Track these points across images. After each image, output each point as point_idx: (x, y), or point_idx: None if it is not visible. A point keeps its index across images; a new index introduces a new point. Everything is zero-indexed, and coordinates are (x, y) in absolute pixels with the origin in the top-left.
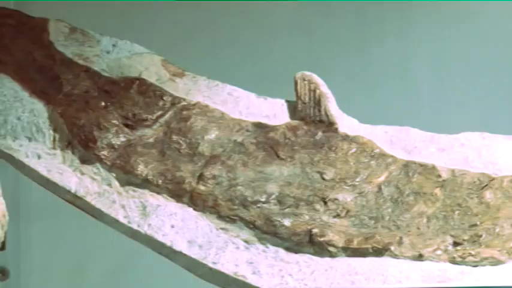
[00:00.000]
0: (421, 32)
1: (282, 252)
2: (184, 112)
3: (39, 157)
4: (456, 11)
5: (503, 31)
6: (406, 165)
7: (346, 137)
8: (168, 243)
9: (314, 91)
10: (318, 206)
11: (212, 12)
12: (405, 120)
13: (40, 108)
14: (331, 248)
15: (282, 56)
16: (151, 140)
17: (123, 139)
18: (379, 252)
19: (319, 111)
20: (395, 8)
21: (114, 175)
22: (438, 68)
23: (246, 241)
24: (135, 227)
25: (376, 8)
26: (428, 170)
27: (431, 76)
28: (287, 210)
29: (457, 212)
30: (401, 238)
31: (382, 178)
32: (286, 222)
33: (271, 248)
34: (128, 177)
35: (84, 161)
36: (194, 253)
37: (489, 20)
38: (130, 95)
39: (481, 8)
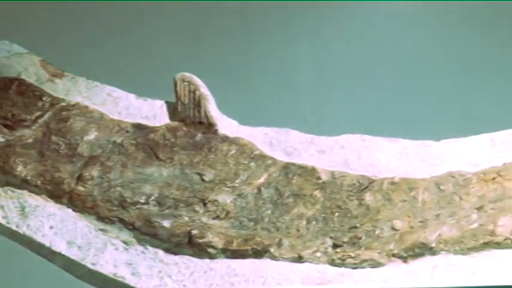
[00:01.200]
0: (303, 34)
1: (161, 253)
2: (64, 113)
3: None
4: (337, 14)
5: (382, 33)
6: (286, 167)
7: (225, 139)
8: (47, 244)
9: (194, 92)
10: (197, 208)
11: (92, 12)
12: (285, 122)
13: None
14: (210, 250)
15: (163, 57)
16: (30, 140)
17: (1, 139)
18: (258, 253)
19: (199, 112)
20: (278, 10)
21: None
22: (319, 70)
23: (125, 242)
24: (13, 227)
25: (259, 10)
26: (308, 172)
27: (312, 78)
28: (166, 211)
29: (336, 214)
30: (280, 240)
31: (261, 180)
32: (166, 223)
33: (151, 249)
34: (7, 178)
35: None
36: (73, 254)
37: (369, 23)
38: (9, 95)
39: (362, 10)
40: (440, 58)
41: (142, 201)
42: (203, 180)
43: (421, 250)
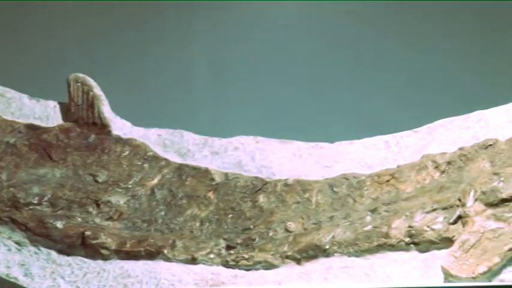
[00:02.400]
0: (198, 34)
1: (54, 254)
2: None
3: None
4: (233, 14)
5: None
6: (180, 169)
7: (119, 140)
8: None
9: (87, 93)
10: (90, 209)
11: None
12: (179, 123)
13: None
14: (103, 251)
15: (56, 57)
16: None
17: None
18: (152, 255)
19: (92, 113)
20: (173, 9)
21: None
22: (214, 71)
23: (17, 243)
24: None
25: (155, 9)
26: (201, 174)
27: (207, 80)
28: (59, 212)
29: (230, 216)
30: (174, 241)
31: (155, 181)
32: (59, 224)
33: (44, 250)
34: None
35: None
36: None
37: (266, 23)
38: None
39: (258, 11)
40: (335, 59)
41: (35, 202)
42: (96, 181)
43: (315, 252)
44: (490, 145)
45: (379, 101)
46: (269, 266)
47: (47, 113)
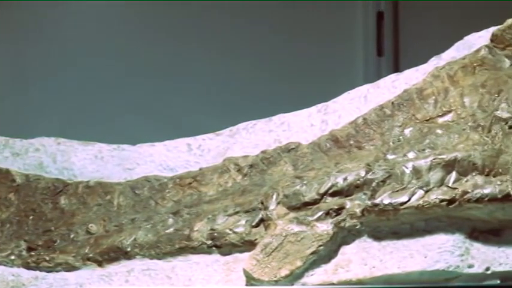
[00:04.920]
0: None
1: None
2: None
3: None
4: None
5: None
6: None
7: None
8: None
9: None
10: None
11: None
12: None
13: None
14: None
15: None
16: None
17: None
18: None
19: None
20: None
21: None
22: (15, 70)
23: None
24: None
25: None
26: (2, 175)
27: (7, 79)
28: None
29: (31, 217)
30: None
31: None
32: None
33: None
34: None
35: None
36: None
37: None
38: None
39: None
40: (135, 61)
41: None
42: None
43: (117, 254)
44: (293, 148)
45: (182, 103)
46: (70, 267)
47: None
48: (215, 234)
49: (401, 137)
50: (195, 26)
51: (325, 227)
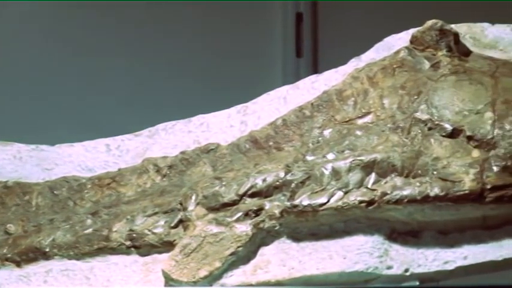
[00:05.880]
0: None
1: None
2: None
3: None
4: None
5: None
6: None
7: None
8: None
9: None
10: None
11: None
12: None
13: None
14: None
15: None
16: None
17: None
18: None
19: None
20: None
21: None
22: None
23: None
24: None
25: None
26: None
27: None
28: None
29: None
30: None
31: None
32: None
33: None
34: None
35: None
36: None
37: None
38: None
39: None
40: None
41: None
42: None
43: (35, 254)
44: (212, 149)
45: (101, 103)
46: None
47: None
48: (134, 235)
49: (320, 138)
50: (114, 25)
51: (244, 228)
